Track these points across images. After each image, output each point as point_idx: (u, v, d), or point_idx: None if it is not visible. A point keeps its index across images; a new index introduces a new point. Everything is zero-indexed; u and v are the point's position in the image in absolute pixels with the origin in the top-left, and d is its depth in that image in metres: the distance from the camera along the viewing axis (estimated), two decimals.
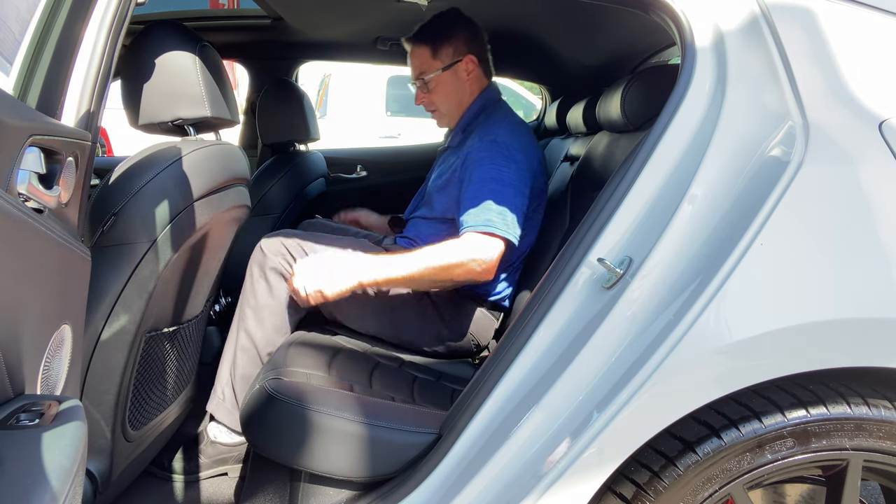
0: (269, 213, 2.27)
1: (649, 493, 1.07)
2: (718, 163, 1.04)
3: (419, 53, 1.81)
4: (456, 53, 1.78)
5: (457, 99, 1.82)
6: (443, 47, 1.78)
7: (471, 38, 1.81)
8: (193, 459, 1.61)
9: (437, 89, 1.81)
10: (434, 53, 1.79)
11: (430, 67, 1.79)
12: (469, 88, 1.82)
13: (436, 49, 1.78)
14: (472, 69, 1.79)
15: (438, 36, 1.79)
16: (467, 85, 1.81)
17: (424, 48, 1.80)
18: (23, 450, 0.61)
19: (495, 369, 1.13)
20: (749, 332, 0.98)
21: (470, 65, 1.79)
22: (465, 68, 1.79)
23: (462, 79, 1.80)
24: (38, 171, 0.78)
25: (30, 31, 0.89)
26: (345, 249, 1.65)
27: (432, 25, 1.81)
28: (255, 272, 1.63)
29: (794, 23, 1.06)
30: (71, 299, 0.90)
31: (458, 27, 1.80)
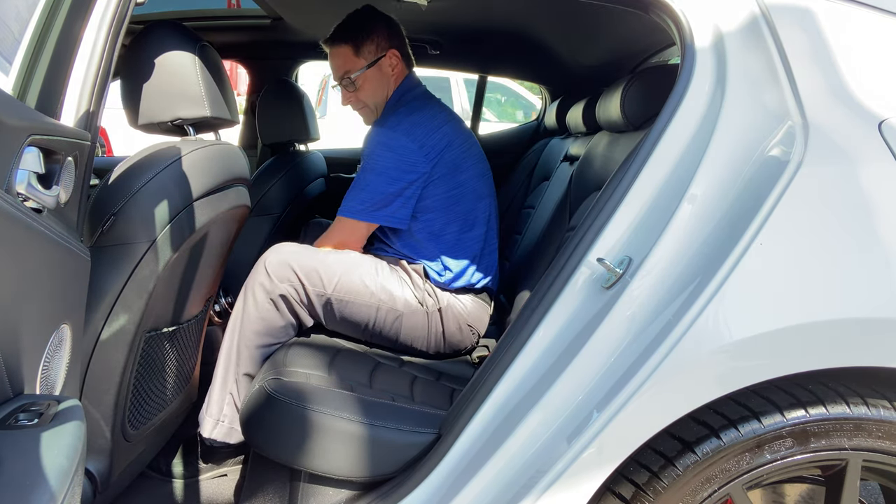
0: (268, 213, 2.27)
1: (648, 494, 1.07)
2: (718, 163, 1.04)
3: (341, 53, 1.81)
4: (378, 49, 1.79)
5: (382, 94, 1.84)
6: (364, 45, 1.79)
7: (390, 33, 1.82)
8: (191, 462, 1.61)
9: (364, 87, 1.82)
10: (357, 51, 1.79)
11: (355, 66, 1.80)
12: (394, 83, 1.83)
13: (358, 47, 1.79)
14: (396, 63, 1.81)
15: (359, 34, 1.79)
16: (392, 80, 1.83)
17: (346, 47, 1.80)
18: (22, 450, 0.61)
19: (495, 369, 1.13)
20: (748, 332, 0.98)
21: (393, 59, 1.80)
22: (389, 63, 1.80)
23: (387, 74, 1.81)
24: (37, 171, 0.78)
25: (29, 31, 0.89)
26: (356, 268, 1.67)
27: (350, 24, 1.81)
28: (260, 296, 1.59)
29: (793, 23, 1.06)
30: (70, 299, 0.90)
31: (377, 23, 1.81)
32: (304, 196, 2.49)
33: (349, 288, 1.63)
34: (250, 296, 1.59)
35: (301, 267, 1.60)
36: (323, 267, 1.62)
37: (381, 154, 1.68)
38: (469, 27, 2.32)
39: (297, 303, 1.61)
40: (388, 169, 1.66)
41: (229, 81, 1.41)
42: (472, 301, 1.77)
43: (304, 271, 1.60)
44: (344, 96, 1.87)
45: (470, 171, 1.78)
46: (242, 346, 1.59)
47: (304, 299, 1.61)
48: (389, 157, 1.67)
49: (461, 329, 1.74)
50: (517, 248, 2.25)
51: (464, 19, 2.21)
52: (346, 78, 1.82)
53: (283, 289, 1.58)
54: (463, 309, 1.74)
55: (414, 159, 1.67)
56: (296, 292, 1.60)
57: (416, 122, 1.71)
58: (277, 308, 1.59)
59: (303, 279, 1.59)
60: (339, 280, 1.62)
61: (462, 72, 4.07)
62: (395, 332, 1.69)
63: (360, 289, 1.64)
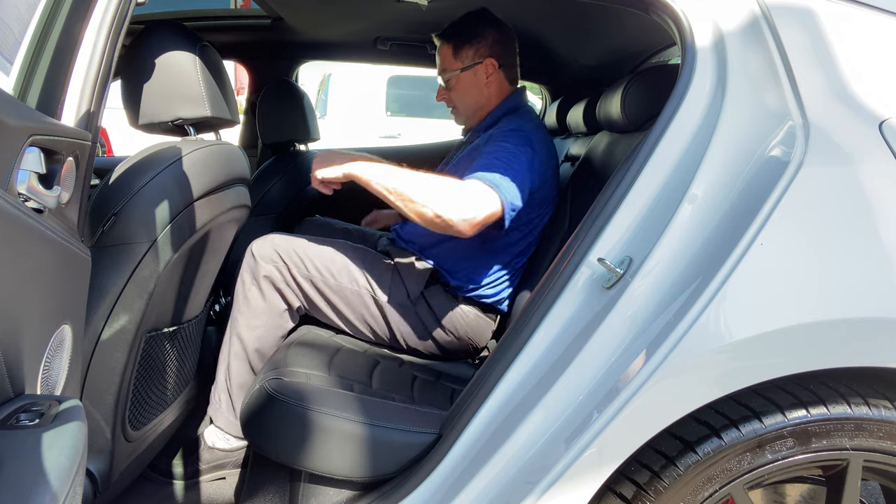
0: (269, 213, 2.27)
1: (649, 493, 1.07)
2: (718, 163, 1.04)
3: (443, 51, 1.81)
4: (477, 56, 1.77)
5: (474, 100, 1.81)
6: (464, 48, 1.77)
7: (496, 41, 1.78)
8: (191, 464, 1.61)
9: (456, 88, 1.81)
10: (455, 53, 1.78)
11: (451, 66, 1.79)
12: (488, 91, 1.80)
13: (457, 49, 1.78)
14: (492, 73, 1.78)
15: (462, 36, 1.78)
16: (486, 88, 1.79)
17: (448, 46, 1.79)
18: (23, 450, 0.61)
19: (495, 369, 1.13)
20: (749, 332, 0.98)
21: (490, 68, 1.77)
22: (485, 71, 1.77)
23: (481, 81, 1.78)
24: (38, 171, 0.78)
25: (30, 31, 0.89)
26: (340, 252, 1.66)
27: (459, 25, 1.80)
28: (247, 279, 1.61)
29: (794, 22, 1.06)
30: (71, 299, 0.90)
31: (485, 29, 1.78)
32: (304, 196, 2.49)
33: (331, 269, 1.62)
34: (239, 283, 1.61)
35: (283, 248, 1.61)
36: (303, 248, 1.62)
37: (517, 144, 1.59)
38: None
39: (283, 283, 1.60)
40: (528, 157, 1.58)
41: (229, 81, 1.41)
42: (476, 314, 1.72)
43: (285, 252, 1.60)
44: (439, 92, 1.87)
45: (546, 210, 1.75)
46: (234, 337, 1.60)
47: (290, 280, 1.60)
48: (527, 145, 1.61)
49: (459, 338, 1.71)
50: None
51: None
52: (443, 75, 1.82)
53: (267, 269, 1.58)
54: (462, 319, 1.70)
55: (542, 167, 1.64)
56: (279, 273, 1.59)
57: (543, 140, 1.69)
58: (262, 290, 1.60)
59: (285, 259, 1.60)
60: (321, 261, 1.62)
61: None
62: (384, 325, 1.66)
63: (341, 271, 1.63)
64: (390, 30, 2.41)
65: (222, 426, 1.61)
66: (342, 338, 1.69)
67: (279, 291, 1.61)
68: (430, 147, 3.29)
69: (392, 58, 2.89)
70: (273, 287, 1.61)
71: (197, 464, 1.60)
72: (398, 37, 2.46)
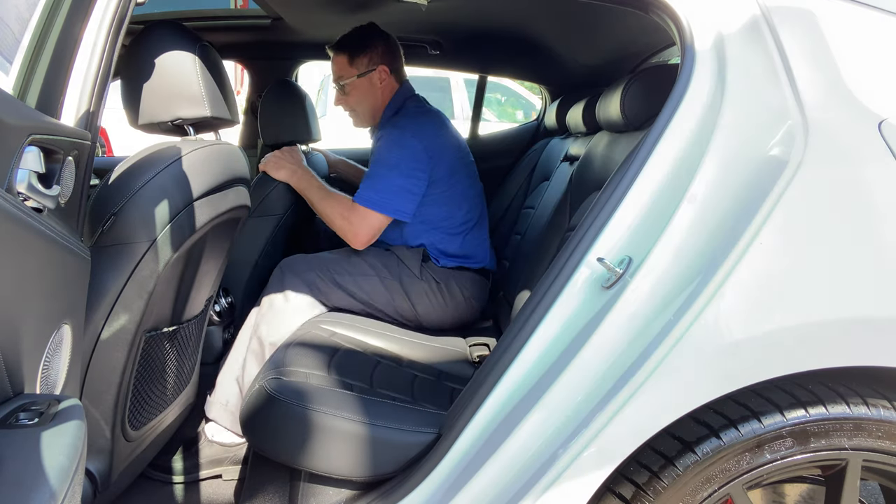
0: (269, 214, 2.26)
1: (648, 493, 1.07)
2: (718, 162, 1.04)
3: (338, 60, 2.05)
4: (370, 63, 2.02)
5: (370, 102, 2.07)
6: (358, 57, 2.02)
7: (385, 50, 2.05)
8: (189, 459, 1.61)
9: (353, 93, 2.06)
10: (351, 61, 2.03)
11: (347, 73, 2.04)
12: (382, 94, 2.06)
13: (352, 58, 2.03)
14: (385, 78, 2.04)
15: (356, 47, 2.03)
16: (380, 92, 2.06)
17: (343, 56, 2.04)
18: (22, 449, 0.61)
19: (495, 369, 1.13)
20: (748, 332, 0.98)
21: (383, 74, 2.04)
22: (379, 77, 2.03)
23: (375, 86, 2.04)
24: (37, 171, 0.78)
25: (30, 31, 0.89)
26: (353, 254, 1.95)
27: (352, 37, 2.05)
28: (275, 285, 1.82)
29: (793, 22, 1.06)
30: (71, 299, 0.90)
31: (375, 40, 2.04)
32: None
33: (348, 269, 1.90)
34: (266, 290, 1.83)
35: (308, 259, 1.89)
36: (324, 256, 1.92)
37: (392, 151, 1.88)
38: (469, 27, 2.32)
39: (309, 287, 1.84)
40: (400, 164, 1.86)
41: (229, 81, 1.41)
42: (470, 277, 2.02)
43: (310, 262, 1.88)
44: (336, 98, 2.12)
45: (462, 173, 2.03)
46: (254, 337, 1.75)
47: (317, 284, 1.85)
48: (400, 153, 1.87)
49: (465, 299, 1.98)
50: (517, 248, 2.25)
51: (464, 19, 2.22)
52: (339, 83, 2.07)
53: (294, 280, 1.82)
54: (461, 282, 1.98)
55: (420, 157, 1.88)
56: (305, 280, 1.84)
57: (422, 125, 1.95)
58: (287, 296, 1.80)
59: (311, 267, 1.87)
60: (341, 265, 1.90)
61: (462, 72, 4.06)
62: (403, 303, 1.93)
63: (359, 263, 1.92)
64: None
65: (226, 424, 1.64)
66: (342, 338, 1.69)
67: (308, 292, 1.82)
68: None
69: None
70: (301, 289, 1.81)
71: (196, 459, 1.61)
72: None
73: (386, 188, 1.85)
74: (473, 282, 2.03)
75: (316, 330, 1.69)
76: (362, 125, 2.18)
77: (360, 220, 1.85)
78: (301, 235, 2.46)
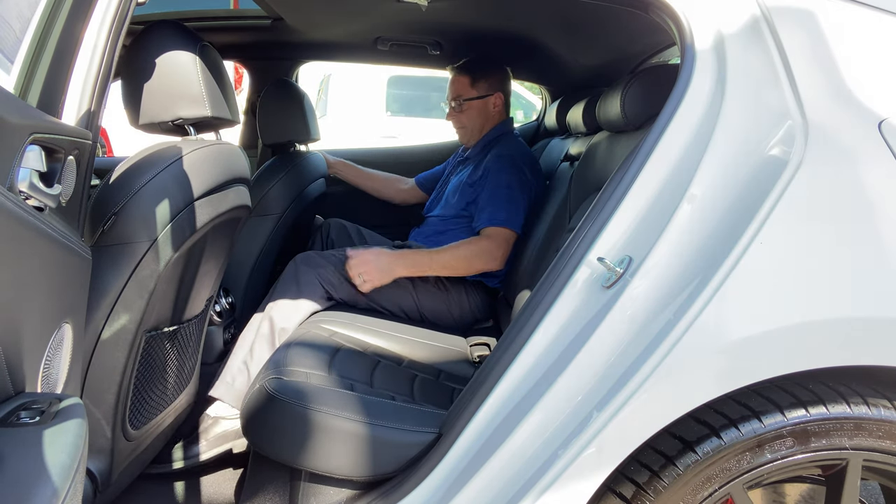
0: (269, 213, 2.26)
1: (649, 493, 1.07)
2: (718, 162, 1.04)
3: (461, 80, 2.23)
4: (490, 88, 2.22)
5: (480, 123, 2.24)
6: (480, 81, 2.21)
7: (503, 80, 2.27)
8: (194, 443, 1.61)
9: (468, 113, 2.23)
10: (473, 83, 2.21)
11: (467, 93, 2.22)
12: (491, 119, 2.25)
13: (475, 80, 2.21)
14: (499, 105, 2.25)
15: (480, 71, 2.22)
16: (491, 116, 2.24)
17: (466, 77, 2.22)
18: (24, 447, 0.61)
19: (495, 369, 1.13)
20: (749, 331, 0.99)
21: (498, 101, 2.24)
22: (494, 102, 2.23)
23: (489, 110, 2.24)
24: (39, 170, 0.78)
25: (31, 30, 0.89)
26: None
27: (476, 62, 2.25)
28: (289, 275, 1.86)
29: (793, 22, 1.06)
30: (71, 298, 0.90)
31: (497, 68, 2.26)
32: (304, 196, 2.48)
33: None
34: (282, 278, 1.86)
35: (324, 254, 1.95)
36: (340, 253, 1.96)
37: (512, 174, 2.03)
38: (469, 27, 2.32)
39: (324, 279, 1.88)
40: (522, 183, 2.03)
41: (230, 81, 1.41)
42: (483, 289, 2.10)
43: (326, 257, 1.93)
44: (450, 113, 2.29)
45: (530, 208, 2.13)
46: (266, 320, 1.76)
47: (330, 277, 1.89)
48: (519, 173, 2.05)
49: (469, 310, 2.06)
50: (517, 248, 2.25)
51: (464, 20, 2.21)
52: (457, 100, 2.23)
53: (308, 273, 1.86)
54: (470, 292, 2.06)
55: (528, 181, 2.06)
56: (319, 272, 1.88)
57: (526, 154, 2.17)
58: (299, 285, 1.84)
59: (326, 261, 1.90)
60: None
61: None
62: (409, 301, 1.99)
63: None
64: (390, 30, 2.41)
65: (231, 402, 1.68)
66: (342, 337, 1.69)
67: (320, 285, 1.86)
68: (429, 147, 3.29)
69: (392, 58, 2.89)
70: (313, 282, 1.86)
71: (198, 444, 1.61)
72: (398, 37, 2.46)
73: (517, 209, 1.99)
74: (481, 295, 2.10)
75: (316, 330, 1.69)
76: (468, 142, 2.31)
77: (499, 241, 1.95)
78: (300, 235, 2.47)
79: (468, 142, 2.31)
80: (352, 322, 1.81)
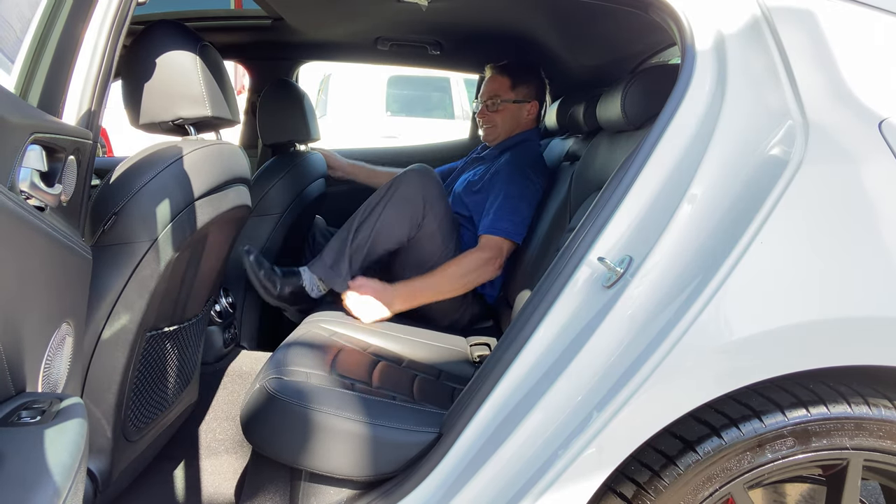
0: (269, 213, 2.26)
1: (650, 493, 1.07)
2: (718, 162, 1.04)
3: (500, 80, 2.24)
4: (528, 95, 2.24)
5: (511, 127, 2.25)
6: (520, 86, 2.23)
7: (541, 90, 2.30)
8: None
9: (502, 114, 2.23)
10: (513, 86, 2.23)
11: (505, 95, 2.23)
12: (521, 125, 2.26)
13: (515, 84, 2.23)
14: (533, 113, 2.27)
15: (522, 75, 2.24)
16: (523, 122, 2.26)
17: (506, 78, 2.23)
18: (25, 447, 0.61)
19: (495, 369, 1.13)
20: (749, 331, 0.99)
21: (533, 109, 2.26)
22: (529, 110, 2.26)
23: (523, 115, 2.25)
24: (39, 169, 0.78)
25: (31, 30, 0.89)
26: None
27: (518, 65, 2.27)
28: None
29: (794, 22, 1.06)
30: (72, 297, 0.90)
31: (538, 77, 2.29)
32: (304, 196, 2.48)
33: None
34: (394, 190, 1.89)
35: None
36: None
37: (523, 184, 2.04)
38: (469, 27, 2.32)
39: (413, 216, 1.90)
40: (530, 194, 2.04)
41: (230, 81, 1.41)
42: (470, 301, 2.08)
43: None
44: (482, 111, 2.28)
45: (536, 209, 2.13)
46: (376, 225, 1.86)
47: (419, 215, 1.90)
48: (530, 184, 2.05)
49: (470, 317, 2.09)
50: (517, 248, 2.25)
51: (464, 19, 2.22)
52: (493, 99, 2.24)
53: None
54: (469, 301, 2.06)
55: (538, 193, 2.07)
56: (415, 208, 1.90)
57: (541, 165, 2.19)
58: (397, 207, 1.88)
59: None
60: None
61: (462, 72, 4.06)
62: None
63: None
64: (390, 30, 2.41)
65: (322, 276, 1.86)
66: (342, 337, 1.69)
67: (409, 218, 1.89)
68: (429, 147, 3.29)
69: (392, 58, 2.89)
70: (403, 212, 1.88)
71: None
72: (398, 37, 2.46)
73: (521, 220, 2.00)
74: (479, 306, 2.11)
75: (316, 330, 1.69)
76: (492, 141, 2.30)
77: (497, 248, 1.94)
78: (300, 234, 2.46)
79: (493, 141, 2.30)
80: (352, 322, 1.81)
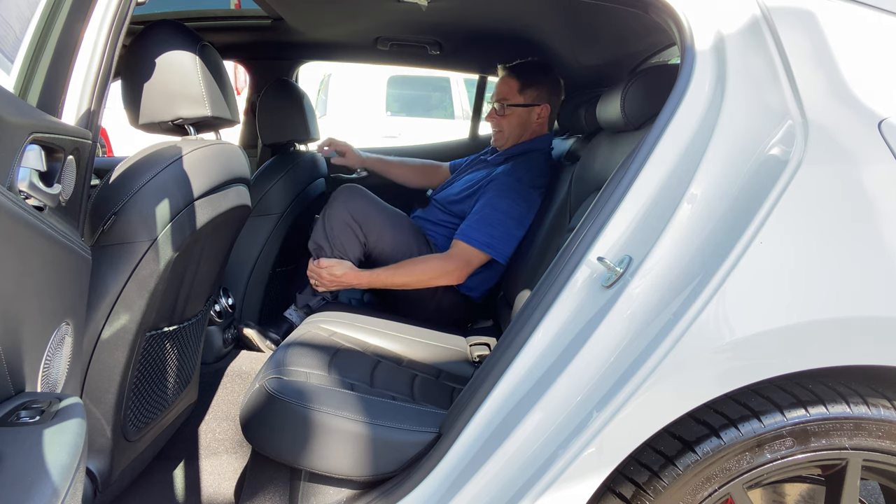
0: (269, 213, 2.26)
1: (649, 493, 1.07)
2: (718, 162, 1.04)
3: (509, 83, 2.12)
4: (538, 98, 2.11)
5: (519, 132, 2.14)
6: (529, 88, 2.11)
7: (553, 91, 2.15)
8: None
9: (509, 118, 2.13)
10: (521, 89, 2.11)
11: (513, 98, 2.12)
12: (531, 130, 2.14)
13: (524, 86, 2.11)
14: (543, 117, 2.13)
15: (531, 77, 2.11)
16: (533, 126, 2.14)
17: (515, 80, 2.11)
18: (23, 446, 0.61)
19: (495, 369, 1.13)
20: (748, 331, 0.99)
21: (543, 112, 2.13)
22: (539, 113, 2.12)
23: (531, 120, 2.13)
24: (38, 169, 0.78)
25: (31, 30, 0.89)
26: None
27: (529, 66, 2.14)
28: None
29: (794, 22, 1.06)
30: (72, 297, 0.90)
31: (549, 78, 2.14)
32: (304, 196, 2.49)
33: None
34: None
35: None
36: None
37: (516, 199, 1.95)
38: (469, 27, 2.32)
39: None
40: (522, 213, 1.96)
41: (230, 81, 1.41)
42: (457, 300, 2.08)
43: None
44: (491, 114, 2.19)
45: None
46: None
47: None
48: (523, 203, 1.97)
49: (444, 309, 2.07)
50: (517, 248, 2.25)
51: (464, 20, 2.21)
52: (501, 102, 2.13)
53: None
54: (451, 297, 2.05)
55: (534, 208, 2.00)
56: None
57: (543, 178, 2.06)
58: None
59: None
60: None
61: (462, 72, 4.06)
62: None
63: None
64: (390, 30, 2.40)
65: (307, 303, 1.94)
66: (342, 338, 1.69)
67: (354, 237, 1.95)
68: (429, 147, 3.29)
69: (392, 58, 2.89)
70: (346, 233, 1.95)
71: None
72: (398, 37, 2.46)
73: (503, 236, 1.92)
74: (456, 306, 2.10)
75: (316, 330, 1.69)
76: (500, 146, 2.22)
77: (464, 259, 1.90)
78: (300, 234, 2.46)
79: (500, 146, 2.23)
80: (352, 322, 1.81)
